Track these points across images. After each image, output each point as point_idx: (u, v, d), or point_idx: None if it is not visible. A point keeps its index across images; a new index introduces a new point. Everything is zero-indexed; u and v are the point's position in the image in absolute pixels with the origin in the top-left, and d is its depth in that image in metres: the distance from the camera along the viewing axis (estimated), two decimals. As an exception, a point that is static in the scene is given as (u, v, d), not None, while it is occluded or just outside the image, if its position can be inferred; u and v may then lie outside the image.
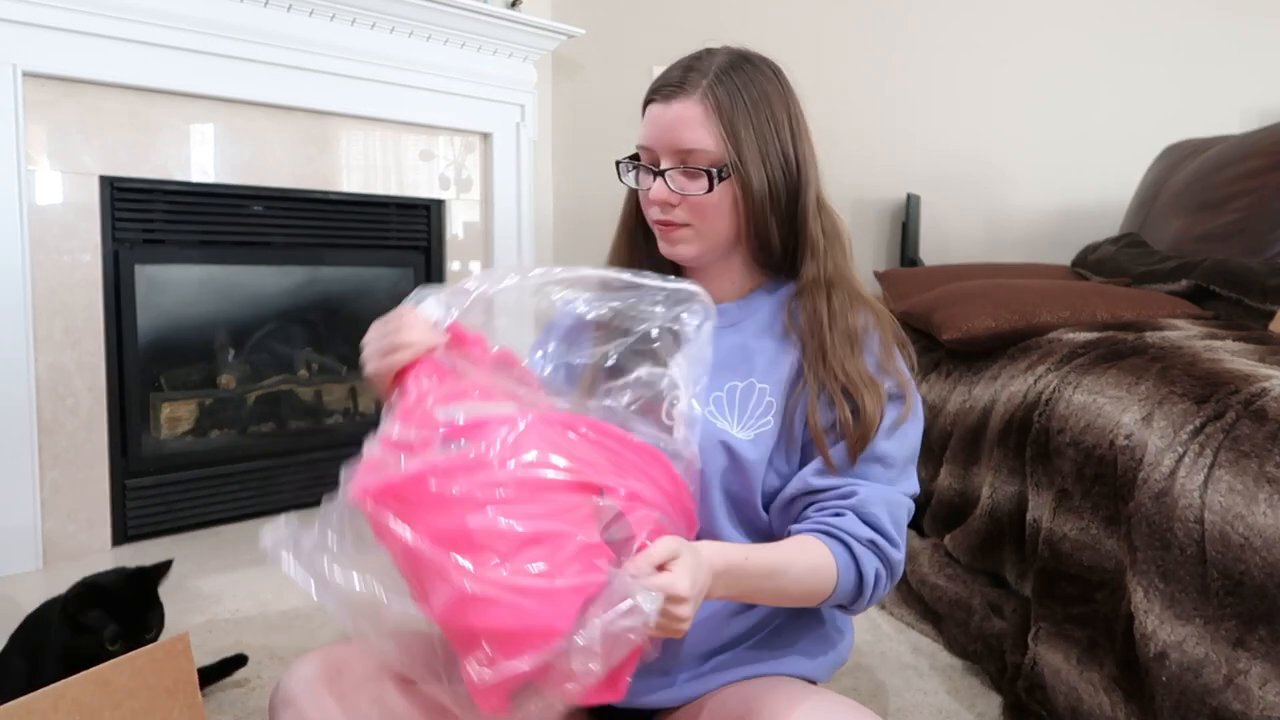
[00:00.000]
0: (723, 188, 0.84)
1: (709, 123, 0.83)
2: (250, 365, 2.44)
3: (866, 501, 0.81)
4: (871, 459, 0.83)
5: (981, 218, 2.80)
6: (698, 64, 0.85)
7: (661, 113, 0.85)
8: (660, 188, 0.85)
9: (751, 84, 0.84)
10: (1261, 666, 0.94)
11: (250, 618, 1.66)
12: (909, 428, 0.86)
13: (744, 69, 0.85)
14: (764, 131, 0.84)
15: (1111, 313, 1.69)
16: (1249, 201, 2.02)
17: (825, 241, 0.87)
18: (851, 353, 0.84)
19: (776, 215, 0.86)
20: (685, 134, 0.83)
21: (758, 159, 0.83)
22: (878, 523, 0.81)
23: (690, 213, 0.85)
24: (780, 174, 0.85)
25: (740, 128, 0.83)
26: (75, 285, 2.00)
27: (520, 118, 2.79)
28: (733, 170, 0.83)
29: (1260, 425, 1.02)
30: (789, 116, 0.86)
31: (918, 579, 1.66)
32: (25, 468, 1.92)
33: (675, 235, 0.87)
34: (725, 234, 0.87)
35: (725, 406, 0.86)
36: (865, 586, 0.81)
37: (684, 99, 0.83)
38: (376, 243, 2.56)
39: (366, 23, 2.38)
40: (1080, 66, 2.66)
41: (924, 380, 1.85)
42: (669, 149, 0.85)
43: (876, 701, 1.38)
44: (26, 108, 1.89)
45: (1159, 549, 1.06)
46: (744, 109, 0.83)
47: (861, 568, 0.80)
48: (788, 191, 0.86)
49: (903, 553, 0.83)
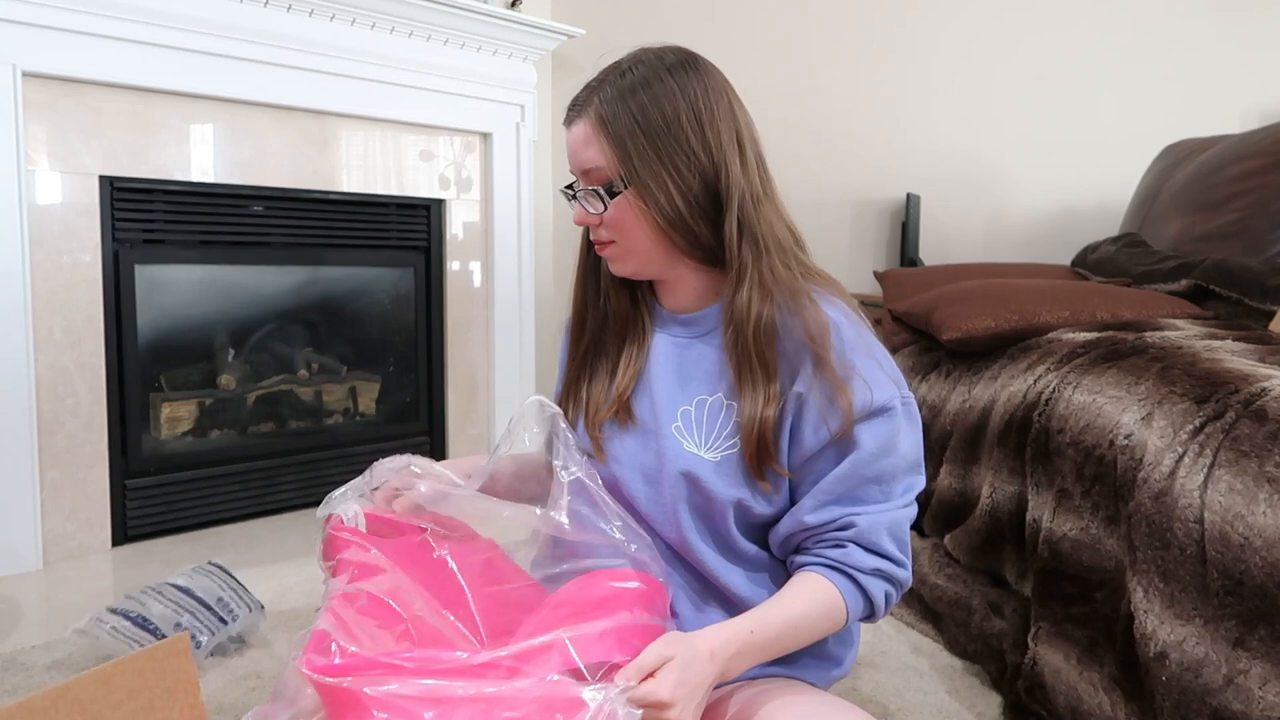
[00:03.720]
0: (622, 203, 0.82)
1: (597, 140, 0.82)
2: (250, 365, 2.44)
3: (867, 531, 0.81)
4: (867, 481, 0.81)
5: (981, 218, 2.80)
6: (600, 81, 0.85)
7: (567, 136, 0.86)
8: (577, 209, 0.87)
9: (643, 93, 0.81)
10: (1261, 666, 0.94)
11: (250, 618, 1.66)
12: (903, 438, 0.82)
13: (639, 76, 0.82)
14: (658, 140, 0.80)
15: (1111, 313, 1.69)
16: (1249, 201, 2.02)
17: (743, 243, 0.82)
18: (754, 365, 0.81)
19: (701, 217, 0.82)
20: (583, 154, 0.84)
21: (654, 168, 0.80)
22: (881, 549, 0.81)
23: (612, 230, 0.85)
24: (691, 176, 0.81)
25: (628, 139, 0.80)
26: (75, 285, 2.00)
27: (520, 118, 2.79)
28: (626, 184, 0.81)
29: (1260, 425, 1.02)
30: (695, 115, 0.81)
31: (918, 579, 1.66)
32: (25, 467, 1.92)
33: (608, 253, 0.88)
34: (650, 246, 0.84)
35: (694, 423, 0.85)
36: (876, 609, 0.83)
37: (580, 120, 0.84)
38: (376, 243, 2.56)
39: (366, 23, 2.38)
40: (1080, 66, 2.66)
41: (924, 380, 1.85)
42: (577, 170, 0.86)
43: (876, 701, 1.38)
44: (26, 108, 1.89)
45: (1159, 549, 1.06)
46: (630, 120, 0.80)
47: (870, 595, 0.81)
48: (707, 191, 0.81)
49: (909, 567, 0.83)
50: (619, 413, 0.90)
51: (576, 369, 0.95)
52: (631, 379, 0.90)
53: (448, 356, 2.73)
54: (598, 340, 0.94)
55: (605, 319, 0.94)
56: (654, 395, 0.88)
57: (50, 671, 1.45)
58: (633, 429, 0.89)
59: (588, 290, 0.95)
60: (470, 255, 2.77)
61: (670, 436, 0.85)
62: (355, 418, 2.62)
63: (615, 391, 0.91)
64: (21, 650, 1.53)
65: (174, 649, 0.91)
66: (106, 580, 1.90)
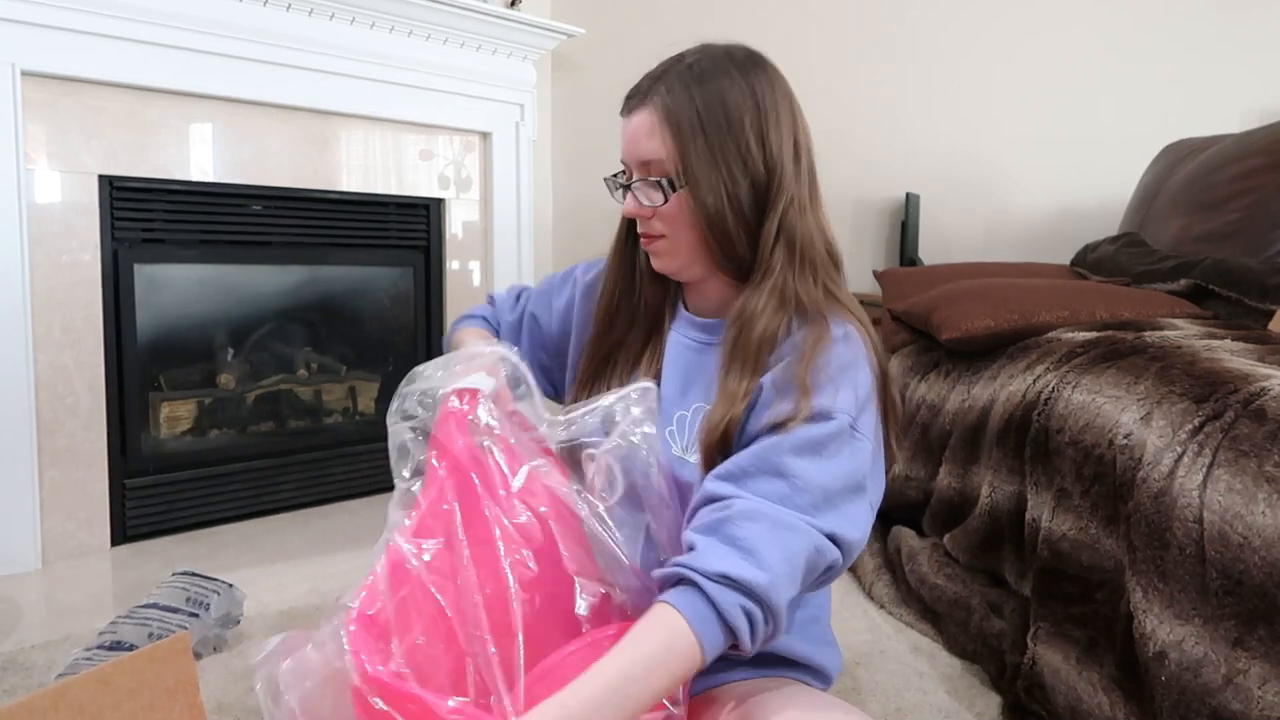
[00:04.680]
0: (680, 199, 0.81)
1: (661, 132, 0.80)
2: (250, 365, 2.44)
3: (740, 516, 0.71)
4: (773, 472, 0.73)
5: (981, 217, 2.80)
6: (663, 71, 0.83)
7: (625, 124, 0.84)
8: (630, 201, 0.84)
9: (708, 87, 0.80)
10: (1261, 666, 0.94)
11: (249, 618, 1.66)
12: (839, 457, 0.74)
13: (705, 70, 0.81)
14: (718, 138, 0.79)
15: (1111, 312, 1.69)
16: (1248, 201, 2.02)
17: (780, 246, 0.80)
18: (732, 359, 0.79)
19: (742, 225, 0.81)
20: (643, 145, 0.82)
21: (709, 167, 0.79)
22: (745, 542, 0.70)
23: (664, 225, 0.83)
24: (743, 180, 0.79)
25: (688, 135, 0.79)
26: (74, 284, 2.00)
27: (520, 117, 2.79)
28: (680, 180, 0.80)
29: (1259, 425, 1.02)
30: (758, 115, 0.80)
31: (917, 579, 1.66)
32: (25, 467, 1.92)
33: (655, 248, 0.86)
34: (695, 246, 0.83)
35: (686, 427, 0.85)
36: (736, 628, 0.69)
37: (641, 109, 0.82)
38: (376, 242, 2.56)
39: (366, 22, 2.38)
40: (1080, 66, 2.66)
41: (923, 380, 1.85)
42: (634, 161, 0.83)
43: (876, 701, 1.38)
44: (26, 107, 1.89)
45: (1158, 548, 1.06)
46: (693, 114, 0.79)
47: (721, 611, 0.68)
48: (755, 198, 0.80)
49: (779, 578, 0.70)
50: None
51: (598, 363, 0.93)
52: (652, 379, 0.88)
53: (447, 356, 2.73)
54: (624, 336, 0.92)
55: (635, 314, 0.92)
56: (661, 397, 0.87)
57: (50, 671, 1.44)
58: None
59: (621, 282, 0.92)
60: (470, 255, 2.77)
61: (664, 440, 0.85)
62: (355, 417, 2.61)
63: None
64: (21, 650, 1.53)
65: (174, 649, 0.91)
66: (106, 580, 1.90)
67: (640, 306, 0.91)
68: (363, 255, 2.55)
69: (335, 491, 2.49)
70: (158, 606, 1.52)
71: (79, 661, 1.38)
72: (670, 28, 2.89)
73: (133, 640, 1.42)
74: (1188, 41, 2.57)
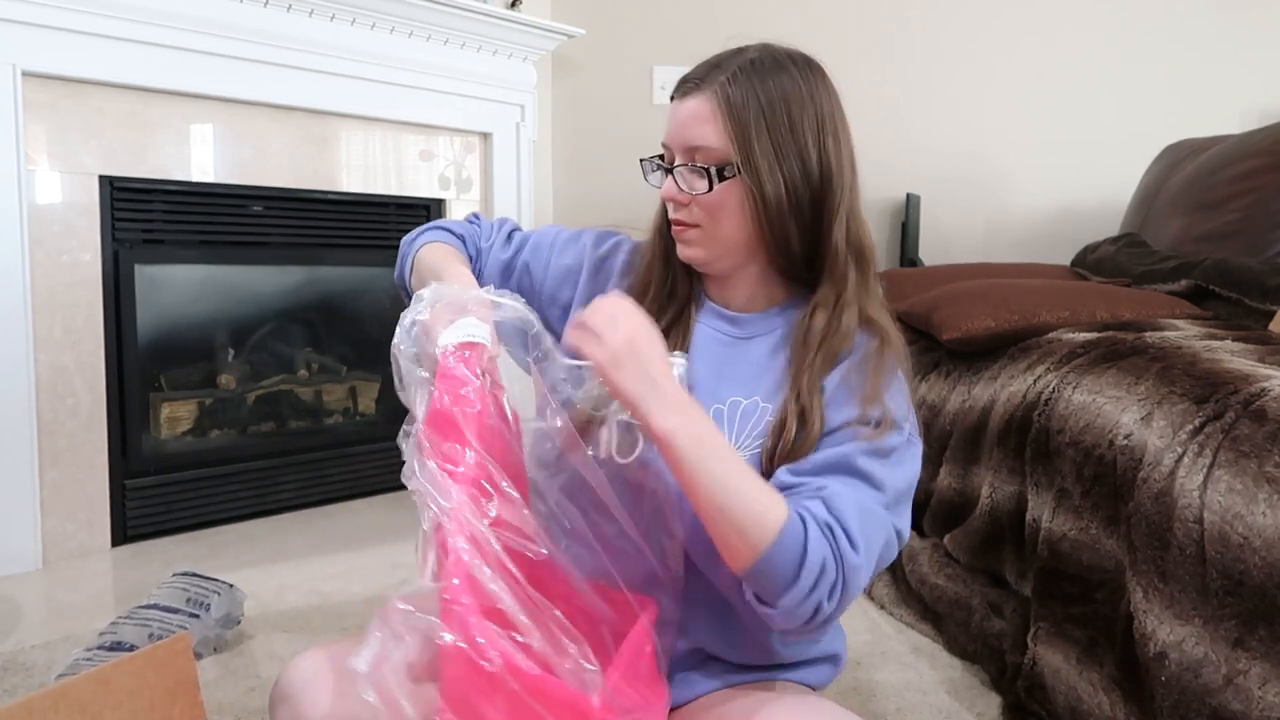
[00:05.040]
0: (728, 188, 0.80)
1: (717, 120, 0.79)
2: (250, 365, 2.44)
3: (836, 496, 0.73)
4: (847, 470, 0.75)
5: (981, 218, 2.80)
6: (723, 60, 0.82)
7: (677, 109, 0.83)
8: (669, 184, 0.83)
9: (772, 83, 0.80)
10: (1261, 666, 0.94)
11: (249, 618, 1.66)
12: (902, 463, 0.78)
13: (768, 67, 0.81)
14: (780, 133, 0.79)
15: (1111, 313, 1.69)
16: (1249, 201, 2.02)
17: (850, 257, 0.82)
18: (823, 371, 0.79)
19: (798, 222, 0.81)
20: (695, 130, 0.80)
21: (771, 161, 0.79)
22: (842, 517, 0.72)
23: (702, 213, 0.82)
24: (800, 179, 0.80)
25: (752, 127, 0.78)
26: (75, 285, 2.00)
27: (520, 118, 2.79)
28: (740, 171, 0.79)
29: (1260, 425, 1.02)
30: (817, 120, 0.80)
31: (918, 579, 1.66)
32: (25, 467, 1.92)
33: (686, 236, 0.84)
34: (737, 238, 0.82)
35: (724, 422, 0.83)
36: (805, 570, 0.69)
37: (697, 95, 0.81)
38: (376, 243, 2.56)
39: (366, 23, 2.38)
40: (1080, 66, 2.66)
41: (924, 380, 1.85)
42: (681, 146, 0.82)
43: (876, 701, 1.38)
44: (26, 108, 1.89)
45: (1158, 549, 1.06)
46: (758, 108, 0.79)
47: (809, 545, 0.69)
48: (811, 198, 0.80)
49: (862, 562, 0.71)
50: None
51: None
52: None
53: (448, 356, 2.73)
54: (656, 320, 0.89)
55: (670, 298, 0.90)
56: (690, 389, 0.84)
57: (50, 671, 1.44)
58: None
59: (657, 274, 0.90)
60: (470, 255, 2.77)
61: None
62: (355, 417, 2.61)
63: None
64: (21, 650, 1.53)
65: (174, 649, 0.91)
66: (106, 580, 1.90)
67: (669, 297, 0.90)
68: (363, 256, 2.55)
69: (336, 492, 2.49)
70: (158, 607, 1.52)
71: (79, 662, 1.38)
72: (670, 28, 2.89)
73: (133, 641, 1.42)
74: (1188, 41, 2.58)
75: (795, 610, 0.70)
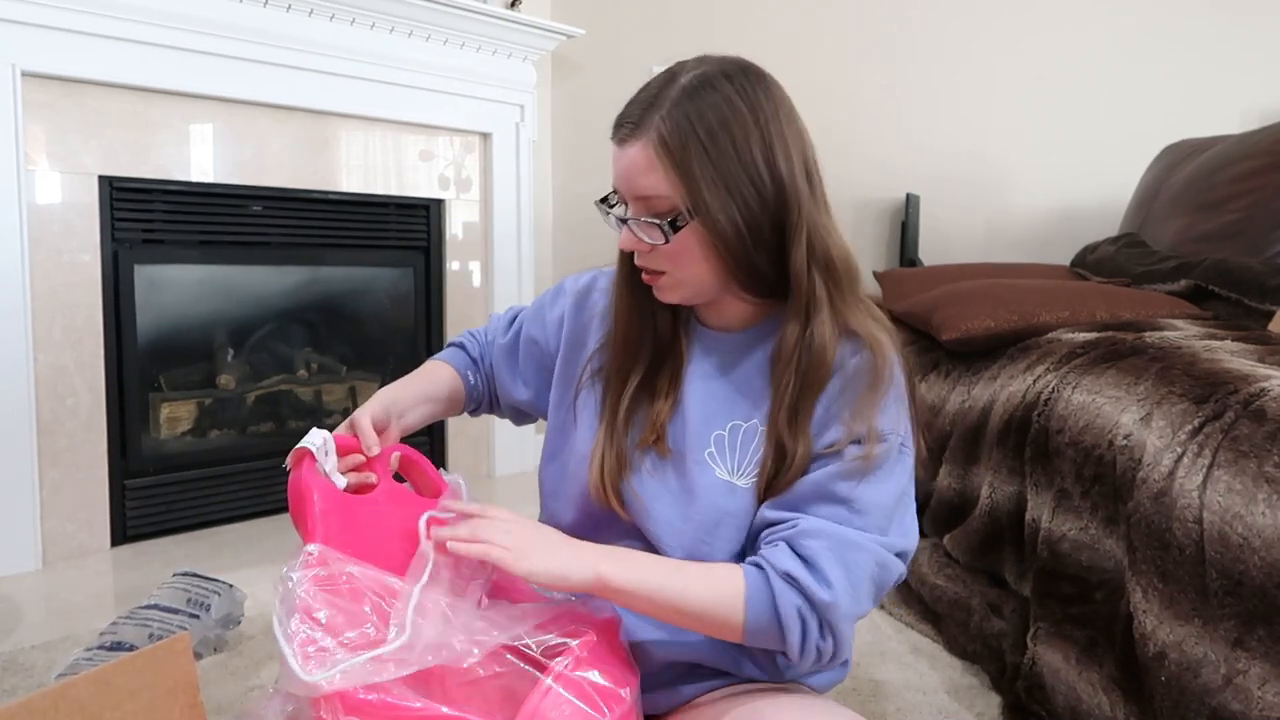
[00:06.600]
0: (685, 235, 0.76)
1: (659, 168, 0.75)
2: (250, 365, 2.44)
3: (804, 534, 0.73)
4: (826, 498, 0.75)
5: (981, 218, 2.80)
6: (656, 95, 0.77)
7: (618, 156, 0.78)
8: (627, 236, 0.79)
9: (709, 110, 0.75)
10: (1260, 666, 0.94)
11: (249, 618, 1.66)
12: (890, 476, 0.76)
13: (702, 91, 0.76)
14: (726, 164, 0.74)
15: (1111, 313, 1.69)
16: (1249, 201, 2.02)
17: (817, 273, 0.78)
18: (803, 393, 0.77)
19: (763, 249, 0.77)
20: (640, 181, 0.76)
21: (721, 197, 0.74)
22: (809, 555, 0.72)
23: (664, 260, 0.79)
24: (757, 205, 0.76)
25: (695, 167, 0.74)
26: (75, 285, 2.00)
27: (520, 118, 2.79)
28: (691, 216, 0.75)
29: (1259, 425, 1.02)
30: (762, 137, 0.76)
31: (918, 579, 1.66)
32: (25, 468, 1.92)
33: (657, 283, 0.81)
34: (706, 278, 0.79)
35: (726, 448, 0.81)
36: (785, 626, 0.71)
37: (634, 142, 0.76)
38: (376, 243, 2.56)
39: (366, 23, 2.38)
40: (1080, 66, 2.66)
41: (923, 380, 1.85)
42: (630, 195, 0.78)
43: (876, 702, 1.38)
44: (26, 108, 1.89)
45: (1158, 549, 1.06)
46: (698, 144, 0.74)
47: (777, 601, 0.72)
48: (771, 222, 0.77)
49: (837, 598, 0.71)
50: (656, 442, 0.84)
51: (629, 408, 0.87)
52: (671, 406, 0.85)
53: (447, 356, 2.73)
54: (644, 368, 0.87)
55: (653, 344, 0.87)
56: (687, 421, 0.84)
57: (50, 671, 1.44)
58: (668, 459, 0.84)
59: (636, 318, 0.87)
60: (470, 255, 2.77)
61: (703, 464, 0.81)
62: (350, 420, 2.61)
63: (652, 420, 0.85)
64: (21, 650, 1.53)
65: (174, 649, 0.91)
66: (106, 580, 1.90)
67: (656, 334, 0.87)
68: (363, 256, 2.55)
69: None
70: (158, 607, 1.52)
71: (79, 662, 1.38)
72: (670, 29, 2.89)
73: (133, 641, 1.42)
74: (1188, 42, 2.58)
75: (804, 657, 0.74)
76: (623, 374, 0.88)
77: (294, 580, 0.69)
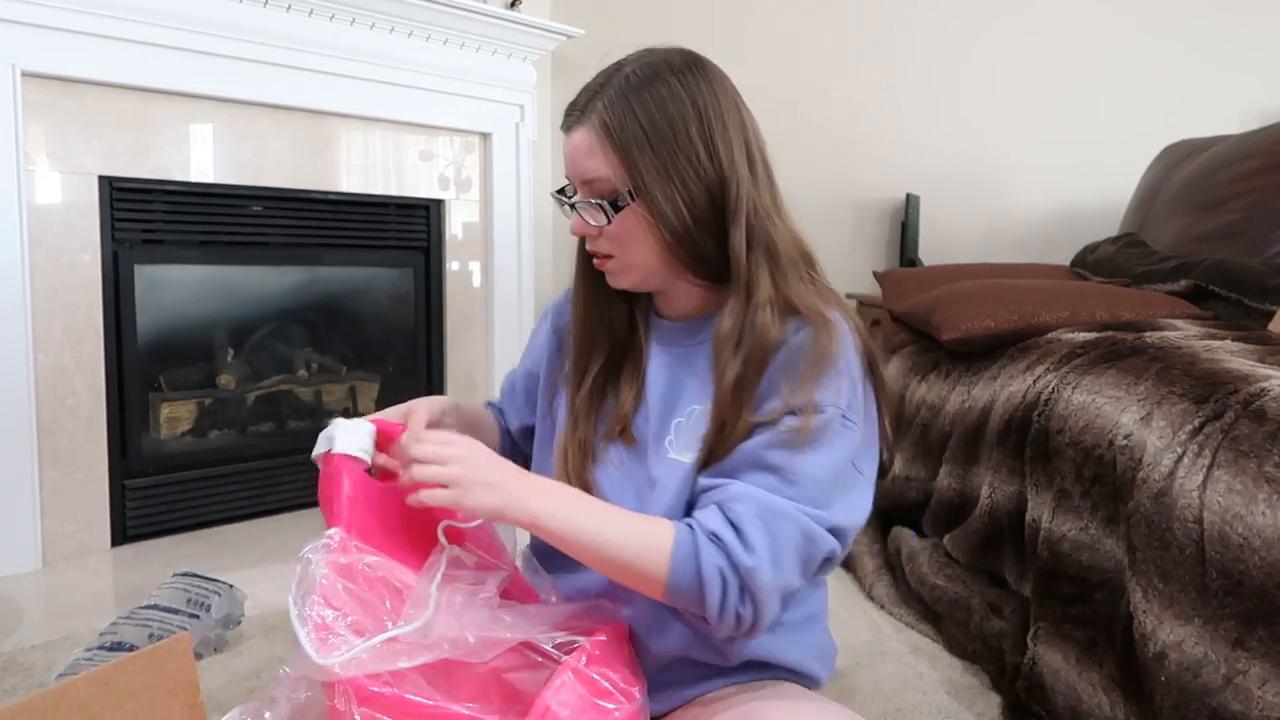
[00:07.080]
0: (627, 216, 0.79)
1: (602, 150, 0.78)
2: (250, 365, 2.44)
3: (734, 497, 0.73)
4: (758, 466, 0.75)
5: (981, 218, 2.80)
6: (602, 84, 0.81)
7: (565, 142, 0.83)
8: (575, 220, 0.83)
9: (650, 98, 0.78)
10: (1261, 666, 0.94)
11: (250, 619, 1.66)
12: (826, 447, 0.75)
13: (645, 80, 0.79)
14: (667, 150, 0.77)
15: (1111, 313, 1.69)
16: (1249, 201, 2.02)
17: (759, 257, 0.79)
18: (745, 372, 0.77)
19: (707, 232, 0.79)
20: (583, 164, 0.80)
21: (662, 181, 0.77)
22: (736, 519, 0.72)
23: (611, 243, 0.82)
24: (698, 190, 0.78)
25: (634, 151, 0.77)
26: (75, 285, 2.00)
27: (520, 118, 2.79)
28: (632, 198, 0.78)
29: (1259, 425, 1.02)
30: (702, 125, 0.78)
31: (917, 579, 1.66)
32: (25, 468, 1.92)
33: (607, 266, 0.84)
34: (652, 261, 0.81)
35: (685, 433, 0.82)
36: (706, 585, 0.71)
37: (579, 127, 0.80)
38: (376, 243, 2.56)
39: (366, 23, 2.38)
40: (1080, 66, 2.66)
41: (923, 380, 1.85)
42: (576, 179, 0.82)
43: (876, 702, 1.38)
44: (26, 108, 1.89)
45: (1158, 549, 1.06)
46: (638, 129, 0.77)
47: (700, 558, 0.71)
48: (712, 207, 0.79)
49: (761, 563, 0.71)
50: (622, 433, 0.86)
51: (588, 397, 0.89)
52: (634, 397, 0.87)
53: (447, 357, 2.73)
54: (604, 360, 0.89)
55: (610, 335, 0.89)
56: (650, 411, 0.86)
57: (50, 671, 1.44)
58: (632, 450, 0.86)
59: (593, 307, 0.90)
60: (470, 255, 2.77)
61: (665, 452, 0.83)
62: (355, 418, 2.61)
63: (618, 412, 0.87)
64: (21, 650, 1.53)
65: (174, 649, 0.91)
66: (106, 580, 1.90)
67: (612, 324, 0.90)
68: (363, 256, 2.55)
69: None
70: (158, 607, 1.52)
71: (79, 662, 1.38)
72: (671, 27, 2.89)
73: (133, 641, 1.42)
74: (1188, 42, 2.58)
75: (722, 621, 0.73)
76: (581, 364, 0.91)
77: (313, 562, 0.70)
